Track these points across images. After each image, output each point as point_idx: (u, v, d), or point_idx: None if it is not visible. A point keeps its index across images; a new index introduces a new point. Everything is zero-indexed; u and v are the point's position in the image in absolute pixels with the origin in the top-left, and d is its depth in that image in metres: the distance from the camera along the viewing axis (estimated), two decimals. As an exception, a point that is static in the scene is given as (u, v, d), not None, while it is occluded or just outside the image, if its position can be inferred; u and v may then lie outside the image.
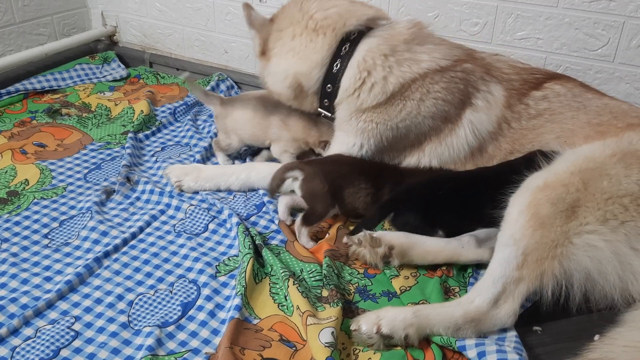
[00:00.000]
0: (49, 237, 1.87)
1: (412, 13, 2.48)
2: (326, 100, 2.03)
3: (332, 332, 1.42)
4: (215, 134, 2.44)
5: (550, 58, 2.26)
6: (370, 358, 1.43)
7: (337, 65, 1.96)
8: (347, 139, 2.00)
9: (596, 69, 2.20)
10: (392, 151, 2.01)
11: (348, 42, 1.95)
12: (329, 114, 2.06)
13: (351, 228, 1.88)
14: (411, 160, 2.00)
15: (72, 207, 2.01)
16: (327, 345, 1.39)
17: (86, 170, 2.24)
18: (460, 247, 1.75)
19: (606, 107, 1.91)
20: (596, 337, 1.47)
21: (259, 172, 2.09)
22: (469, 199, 1.79)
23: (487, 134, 1.95)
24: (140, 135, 2.51)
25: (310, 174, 1.87)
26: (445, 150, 1.96)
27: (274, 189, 1.93)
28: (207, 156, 2.36)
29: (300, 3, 2.02)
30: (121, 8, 3.28)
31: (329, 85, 1.99)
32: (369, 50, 1.93)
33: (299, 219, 1.87)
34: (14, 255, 1.77)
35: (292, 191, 1.95)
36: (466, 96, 1.94)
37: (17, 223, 1.91)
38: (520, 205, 1.56)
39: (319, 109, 2.08)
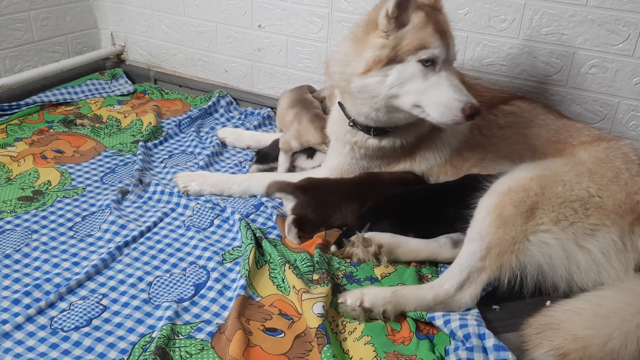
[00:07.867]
0: (74, 229, 2.11)
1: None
2: None
3: (323, 306, 1.69)
4: (218, 144, 2.74)
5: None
6: (355, 328, 1.69)
7: None
8: None
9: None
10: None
11: None
12: None
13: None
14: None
15: (92, 205, 2.26)
16: (319, 315, 1.66)
17: (102, 174, 2.49)
18: (438, 247, 1.98)
19: (564, 126, 2.19)
20: (547, 303, 1.73)
21: (260, 180, 2.34)
22: (432, 207, 2.05)
23: (462, 137, 2.23)
24: (149, 144, 2.76)
25: (303, 203, 2.13)
26: (431, 154, 2.24)
27: (269, 195, 2.26)
28: (211, 162, 2.63)
29: None
30: (130, 29, 3.52)
31: None
32: None
33: (290, 218, 2.11)
34: (44, 244, 2.01)
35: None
36: None
37: (44, 217, 2.15)
38: (488, 207, 1.79)
39: None
